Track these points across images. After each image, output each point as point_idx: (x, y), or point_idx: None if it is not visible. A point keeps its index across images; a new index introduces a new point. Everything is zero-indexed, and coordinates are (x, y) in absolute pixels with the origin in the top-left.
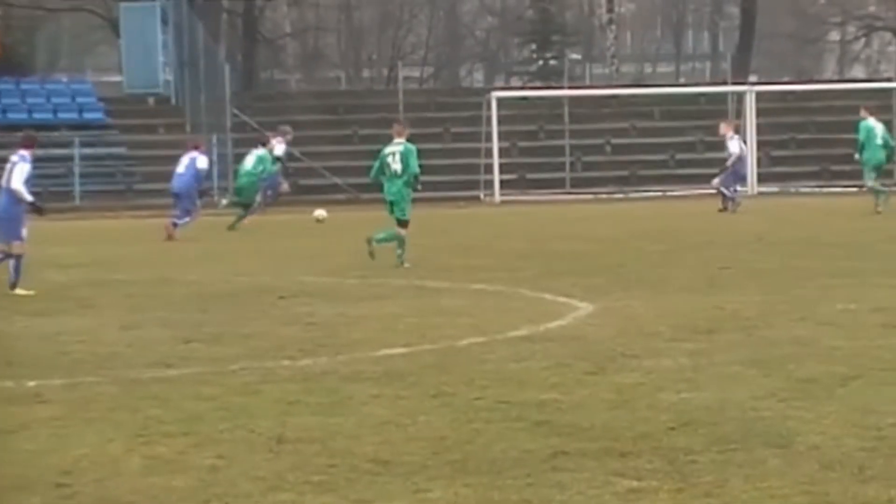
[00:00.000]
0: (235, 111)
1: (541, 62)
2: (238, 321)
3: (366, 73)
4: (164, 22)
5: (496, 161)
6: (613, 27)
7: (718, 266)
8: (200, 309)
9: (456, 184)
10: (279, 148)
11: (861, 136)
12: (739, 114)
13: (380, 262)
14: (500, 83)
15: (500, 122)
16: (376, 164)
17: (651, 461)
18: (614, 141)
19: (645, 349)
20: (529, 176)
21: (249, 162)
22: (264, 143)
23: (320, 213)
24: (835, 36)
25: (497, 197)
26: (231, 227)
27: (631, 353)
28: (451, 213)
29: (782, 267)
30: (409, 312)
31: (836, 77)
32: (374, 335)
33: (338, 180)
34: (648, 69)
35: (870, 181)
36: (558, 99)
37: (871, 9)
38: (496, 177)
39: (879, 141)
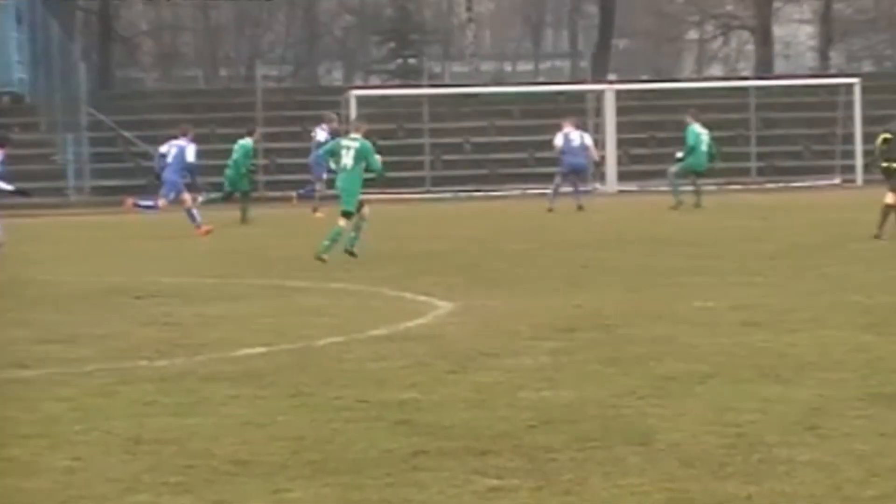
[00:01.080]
0: (91, 110)
1: (400, 60)
2: (94, 322)
3: (223, 72)
4: (19, 20)
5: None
6: (473, 25)
7: (578, 265)
8: (55, 309)
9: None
10: (321, 135)
11: (691, 141)
12: (599, 112)
13: (246, 264)
14: (358, 81)
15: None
16: (330, 146)
17: (511, 459)
18: (474, 139)
19: (505, 348)
20: (388, 174)
21: (235, 153)
22: (250, 133)
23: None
24: (693, 35)
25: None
26: (243, 222)
27: (491, 351)
28: (302, 213)
29: (640, 265)
30: (267, 312)
31: (694, 76)
32: (233, 335)
33: (196, 179)
34: (508, 68)
35: (676, 179)
36: (417, 97)
37: (729, 8)
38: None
39: (705, 147)
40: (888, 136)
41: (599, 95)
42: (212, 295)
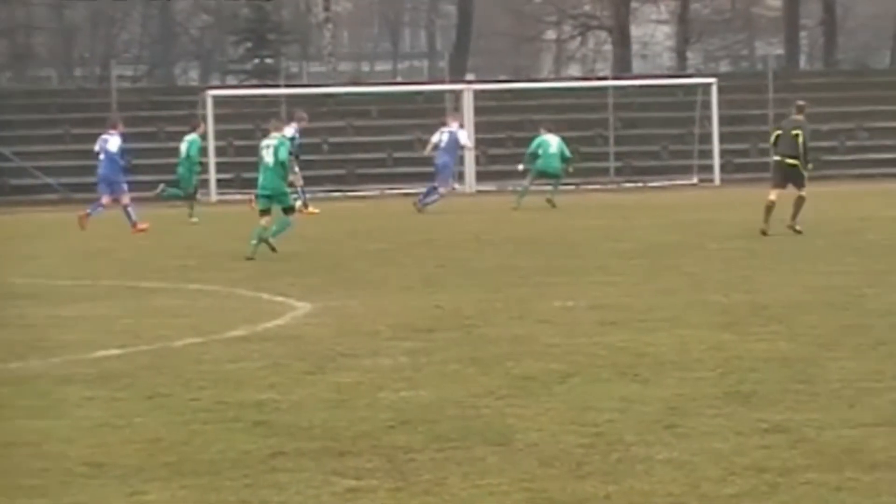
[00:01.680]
0: None
1: (257, 60)
2: None
3: (78, 72)
4: None
5: (212, 160)
6: (330, 25)
7: (436, 265)
8: None
9: (172, 184)
10: (289, 131)
11: (532, 147)
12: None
13: (103, 266)
14: (215, 82)
15: (216, 121)
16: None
17: (370, 460)
18: (332, 139)
19: (364, 348)
20: (246, 175)
21: (183, 149)
22: (194, 128)
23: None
24: (551, 35)
25: (213, 196)
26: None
27: (350, 352)
28: (165, 214)
29: (500, 265)
30: (123, 313)
31: (552, 76)
32: (88, 337)
33: (50, 180)
34: (366, 68)
35: (527, 182)
36: (275, 97)
37: (587, 8)
38: (212, 176)
39: (554, 150)
40: (779, 133)
41: (458, 95)
42: (66, 296)
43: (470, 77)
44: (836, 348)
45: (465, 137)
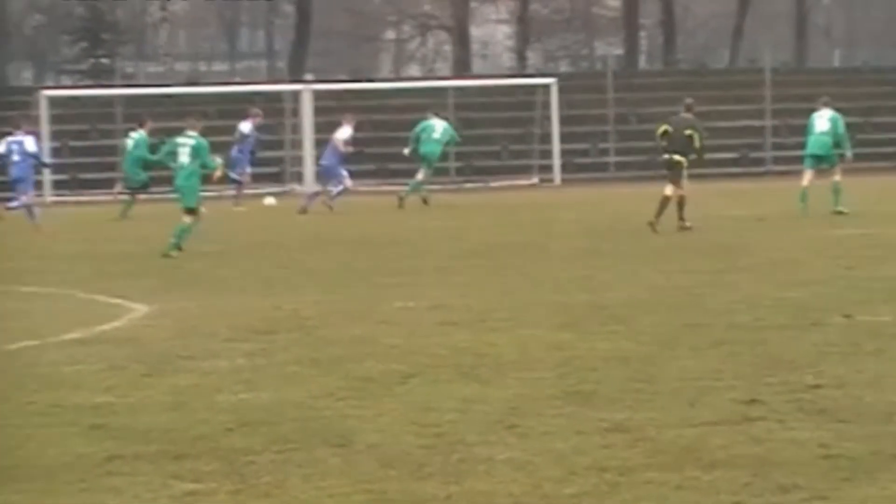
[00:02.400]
0: None
1: (92, 60)
2: None
3: None
4: None
5: (48, 161)
6: (167, 25)
7: (277, 266)
8: None
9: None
10: (246, 127)
11: (416, 131)
12: (296, 112)
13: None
14: (50, 82)
15: (51, 122)
16: (166, 148)
17: (209, 463)
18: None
19: (202, 350)
20: (82, 176)
21: (128, 146)
22: (141, 124)
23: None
24: (391, 35)
25: (48, 198)
26: (122, 216)
27: (188, 354)
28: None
29: (340, 266)
30: None
31: (392, 76)
32: None
33: None
34: (203, 67)
35: (421, 176)
36: (110, 98)
37: (427, 8)
38: (46, 178)
39: (437, 136)
40: (667, 128)
41: (296, 95)
42: None
43: (309, 77)
44: (675, 347)
45: (344, 134)
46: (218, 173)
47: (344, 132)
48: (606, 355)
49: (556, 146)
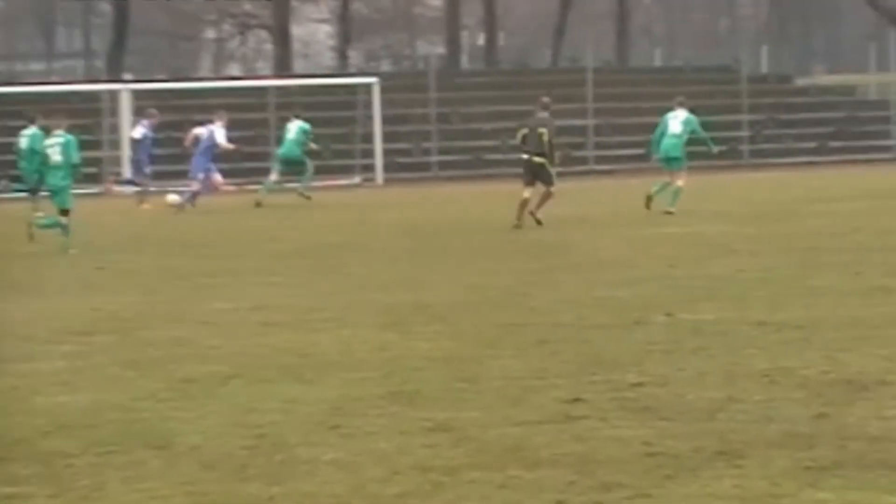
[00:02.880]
0: None
1: None
2: None
3: None
4: None
5: None
6: None
7: (95, 267)
8: None
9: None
10: (138, 131)
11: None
12: (114, 112)
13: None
14: None
15: None
16: (38, 157)
17: (27, 466)
18: None
19: (19, 353)
20: None
21: (23, 144)
22: (32, 121)
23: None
24: (210, 34)
25: None
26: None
27: (4, 356)
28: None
29: (160, 267)
30: None
31: (212, 75)
32: None
33: None
34: (19, 67)
35: (273, 176)
36: None
37: (247, 7)
38: None
39: (292, 136)
40: (525, 131)
41: (114, 95)
42: None
43: (127, 77)
44: (499, 347)
45: (221, 134)
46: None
47: (220, 132)
48: (430, 355)
49: (379, 146)
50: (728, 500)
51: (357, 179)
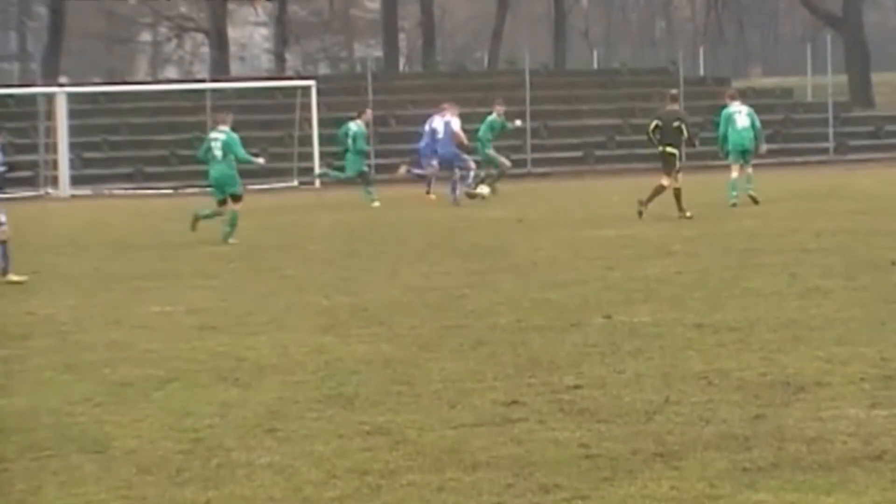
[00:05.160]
0: None
1: None
2: None
3: None
4: None
5: None
6: None
7: (31, 270)
8: None
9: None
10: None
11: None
12: (50, 115)
13: None
14: None
15: None
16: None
17: None
18: None
19: None
20: None
21: None
22: None
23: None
24: (147, 36)
25: None
26: None
27: None
28: None
29: (95, 270)
30: None
31: (149, 78)
32: None
33: None
34: None
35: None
36: None
37: (183, 10)
38: None
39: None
40: (659, 122)
41: (50, 98)
42: None
43: (63, 80)
44: (436, 349)
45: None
46: None
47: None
48: (367, 358)
49: (316, 148)
50: (665, 501)
51: (295, 182)
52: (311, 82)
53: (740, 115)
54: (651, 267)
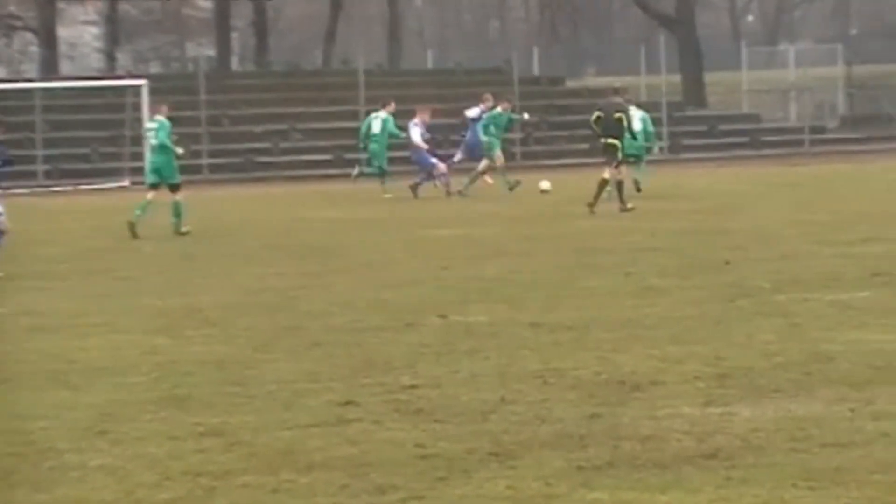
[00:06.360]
0: None
1: None
2: None
3: None
4: None
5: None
6: None
7: None
8: None
9: None
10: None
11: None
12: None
13: None
14: None
15: None
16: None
17: None
18: None
19: None
20: None
21: None
22: None
23: (545, 184)
24: None
25: None
26: None
27: None
28: None
29: None
30: None
31: None
32: None
33: None
34: None
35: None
36: None
37: (12, 8)
38: None
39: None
40: (600, 114)
41: None
42: None
43: None
44: (271, 350)
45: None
46: None
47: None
48: (202, 359)
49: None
50: (501, 501)
51: (126, 182)
52: (143, 81)
53: (634, 118)
54: (487, 267)
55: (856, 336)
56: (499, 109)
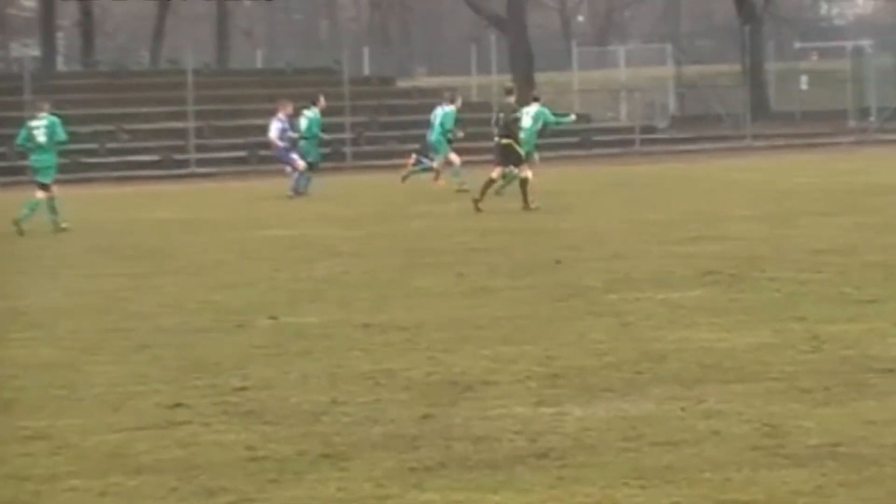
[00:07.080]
0: None
1: None
2: None
3: None
4: None
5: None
6: None
7: None
8: None
9: None
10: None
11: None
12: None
13: None
14: None
15: None
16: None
17: None
18: None
19: None
20: None
21: None
22: None
23: None
24: None
25: None
26: None
27: None
28: None
29: None
30: None
31: None
32: None
33: None
34: None
35: None
36: None
37: None
38: None
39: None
40: (500, 115)
41: None
42: None
43: None
44: (99, 352)
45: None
46: None
47: None
48: (27, 362)
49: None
50: (333, 503)
51: None
52: None
53: (527, 115)
54: (318, 268)
55: (686, 335)
56: (452, 108)
